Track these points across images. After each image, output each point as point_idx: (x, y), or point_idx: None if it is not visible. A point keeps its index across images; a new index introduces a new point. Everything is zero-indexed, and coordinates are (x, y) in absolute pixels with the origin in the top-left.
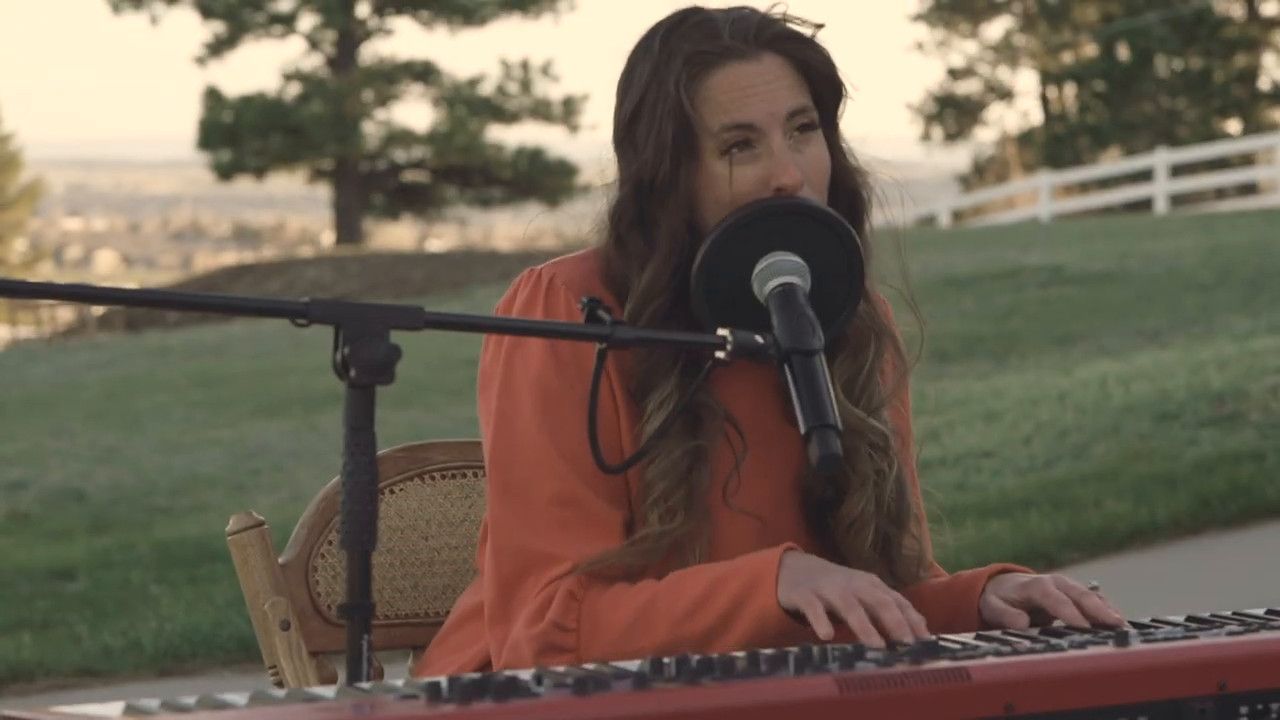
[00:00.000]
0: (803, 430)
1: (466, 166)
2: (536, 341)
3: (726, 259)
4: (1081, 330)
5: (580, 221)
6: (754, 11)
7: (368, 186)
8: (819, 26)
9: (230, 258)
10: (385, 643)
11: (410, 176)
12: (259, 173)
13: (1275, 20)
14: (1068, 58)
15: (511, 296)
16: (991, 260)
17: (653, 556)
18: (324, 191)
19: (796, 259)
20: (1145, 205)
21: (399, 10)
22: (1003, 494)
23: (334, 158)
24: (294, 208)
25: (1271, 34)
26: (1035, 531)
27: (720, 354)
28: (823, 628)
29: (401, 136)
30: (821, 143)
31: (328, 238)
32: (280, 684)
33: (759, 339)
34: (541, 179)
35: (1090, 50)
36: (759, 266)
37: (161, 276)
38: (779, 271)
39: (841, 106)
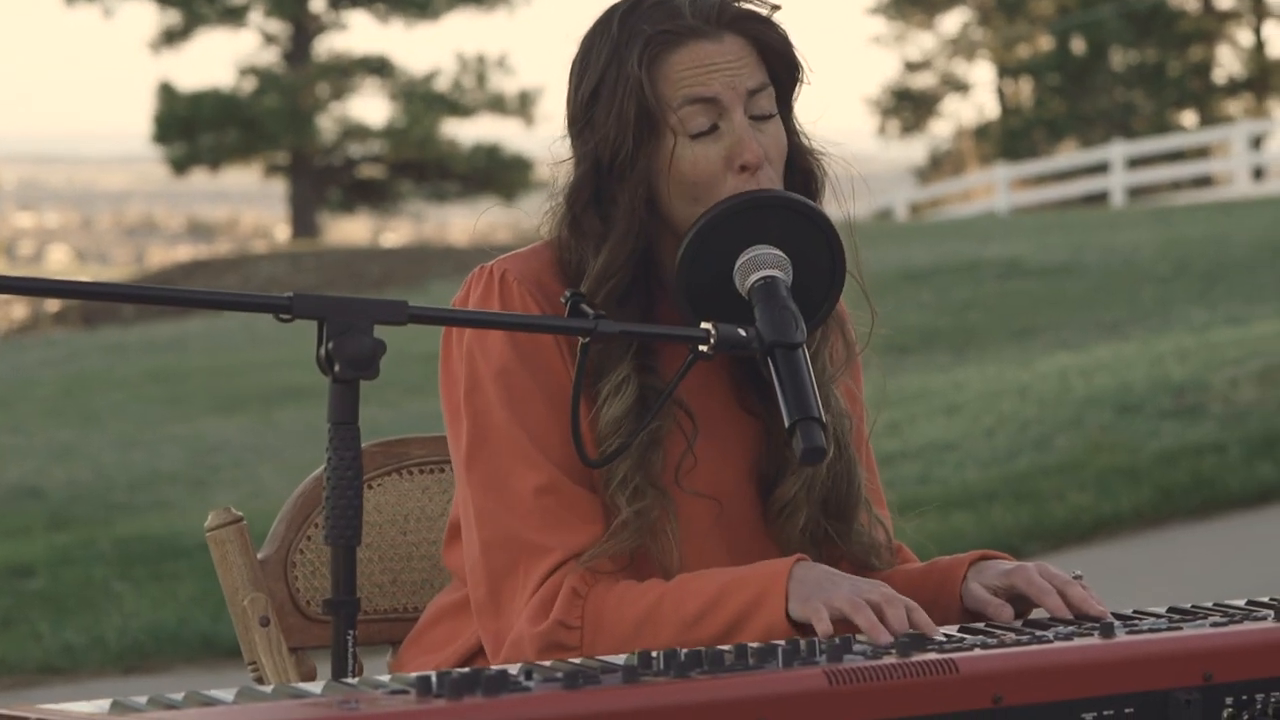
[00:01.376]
0: (786, 423)
1: (422, 161)
2: (496, 337)
3: (707, 252)
4: (1040, 323)
5: (535, 216)
6: None
7: (323, 181)
8: (775, 7)
9: (184, 253)
10: (364, 638)
11: (366, 171)
12: (214, 167)
13: (1230, 13)
14: (1023, 51)
15: (465, 294)
16: (949, 253)
17: (638, 538)
18: (278, 186)
19: (779, 252)
20: (1101, 198)
21: (354, 4)
22: (965, 486)
23: (289, 152)
24: (248, 202)
25: (1226, 27)
26: (999, 524)
27: (704, 348)
28: (823, 628)
29: (357, 131)
30: (778, 123)
31: (282, 232)
32: (260, 680)
33: (742, 332)
34: (498, 173)
35: (1046, 43)
36: (741, 260)
37: (114, 272)
38: (761, 265)
39: (797, 88)
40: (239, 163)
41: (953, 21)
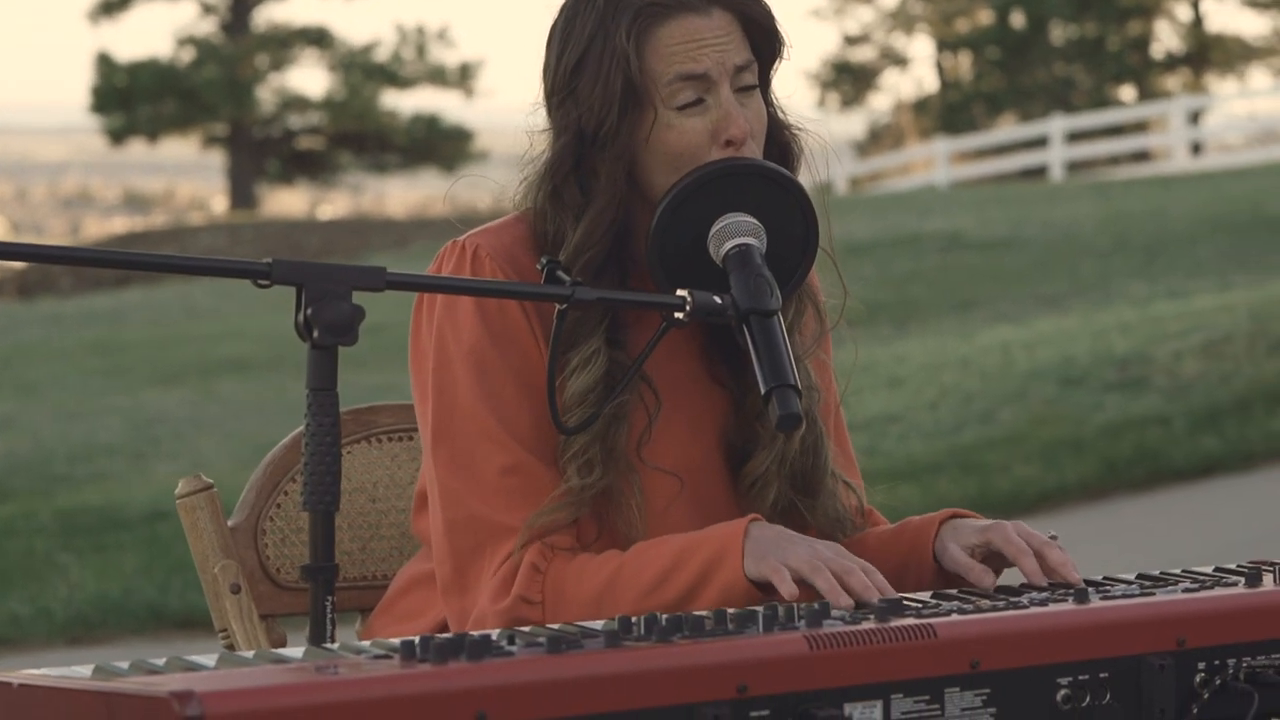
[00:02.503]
0: (763, 390)
1: (362, 132)
2: (466, 312)
3: (681, 220)
4: (980, 296)
5: (474, 188)
6: None
7: (262, 152)
8: None
9: (120, 224)
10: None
11: (305, 143)
12: (152, 138)
13: None
14: (962, 25)
15: (437, 268)
16: (890, 227)
17: (577, 510)
18: (215, 158)
19: (752, 220)
20: (1040, 172)
21: None
22: (910, 459)
23: (228, 123)
24: (184, 174)
25: (1164, 2)
26: (945, 496)
27: (680, 314)
28: (787, 589)
29: (296, 102)
30: (760, 98)
31: (219, 204)
32: (231, 647)
33: (717, 299)
34: (438, 145)
35: (985, 17)
36: (715, 227)
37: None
38: (736, 232)
39: (777, 62)
40: (177, 134)
41: None
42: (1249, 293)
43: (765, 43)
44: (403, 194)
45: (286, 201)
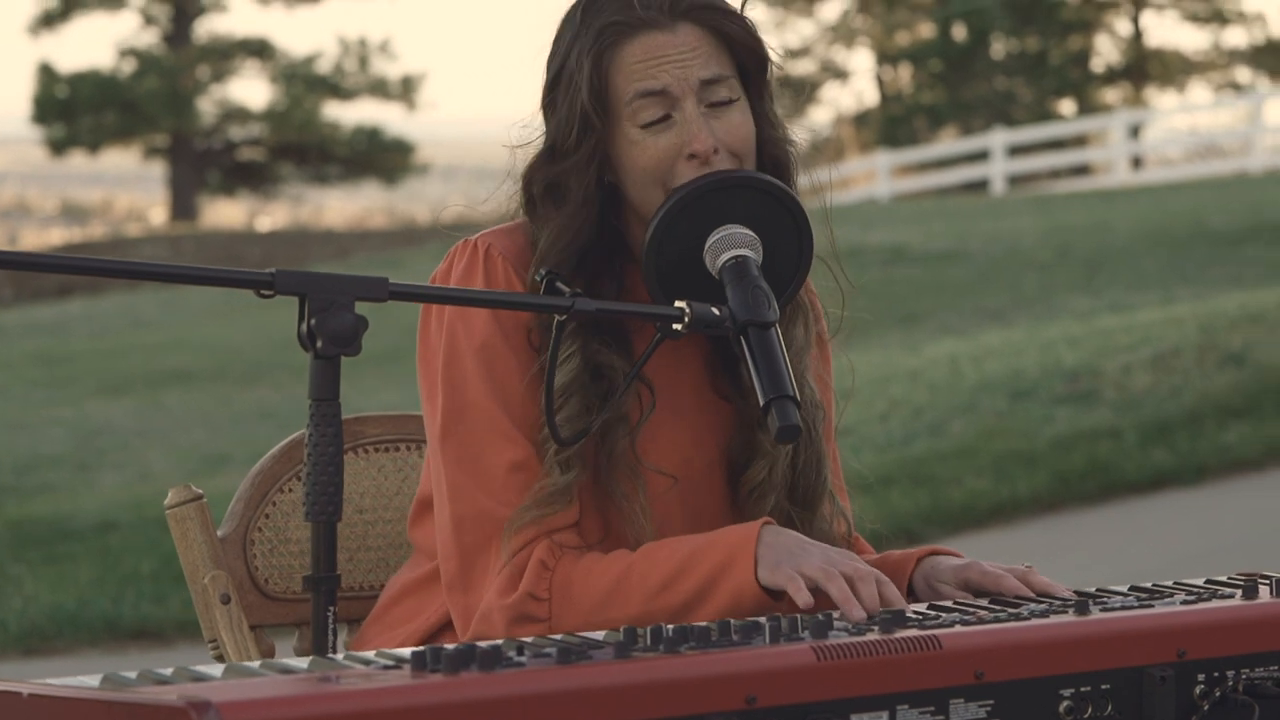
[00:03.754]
0: (761, 402)
1: (303, 144)
2: (478, 309)
3: (677, 232)
4: (925, 309)
5: (413, 199)
6: None
7: (203, 164)
8: None
9: (57, 236)
10: None
11: (246, 154)
12: (93, 149)
13: (1108, 2)
14: (903, 38)
15: (448, 266)
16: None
17: (556, 505)
18: (155, 169)
19: (749, 231)
20: (981, 186)
21: None
22: (862, 472)
23: (169, 134)
24: (123, 185)
25: (1105, 16)
26: (897, 508)
27: (678, 326)
28: (804, 598)
29: (237, 113)
30: (743, 111)
31: (157, 215)
32: (220, 658)
33: (715, 311)
34: (379, 157)
35: (927, 31)
36: (711, 239)
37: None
38: (732, 244)
39: (767, 75)
40: (118, 145)
41: (832, 9)
42: (1194, 306)
43: (747, 56)
44: (341, 205)
45: (225, 213)
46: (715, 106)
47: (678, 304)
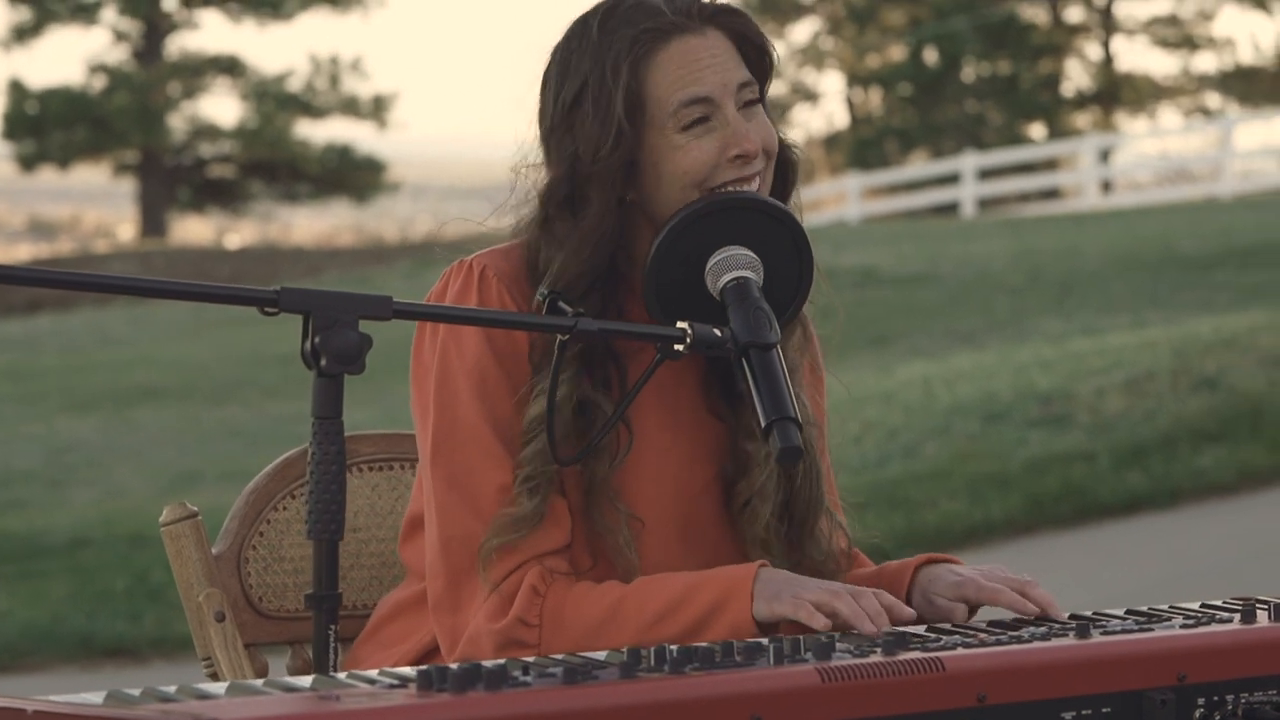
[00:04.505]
0: (763, 423)
1: (273, 161)
2: (472, 330)
3: (678, 253)
4: (896, 331)
5: (382, 217)
6: None
7: (173, 180)
8: None
9: (25, 251)
10: (310, 635)
11: (216, 171)
12: (63, 165)
13: (1079, 27)
14: (873, 61)
15: (443, 286)
16: None
17: (520, 531)
18: (124, 185)
19: (750, 253)
20: (951, 208)
21: (206, 3)
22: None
23: (139, 150)
24: (92, 201)
25: (1075, 40)
26: (871, 530)
27: (679, 347)
28: (819, 622)
29: (208, 130)
30: (765, 113)
31: (125, 231)
32: (215, 676)
33: (717, 332)
34: (349, 175)
35: (897, 54)
36: (713, 260)
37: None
38: (734, 265)
39: (769, 78)
40: (89, 161)
41: (803, 31)
42: (1167, 330)
43: (758, 60)
44: (309, 223)
45: (193, 230)
46: (746, 109)
47: (680, 325)
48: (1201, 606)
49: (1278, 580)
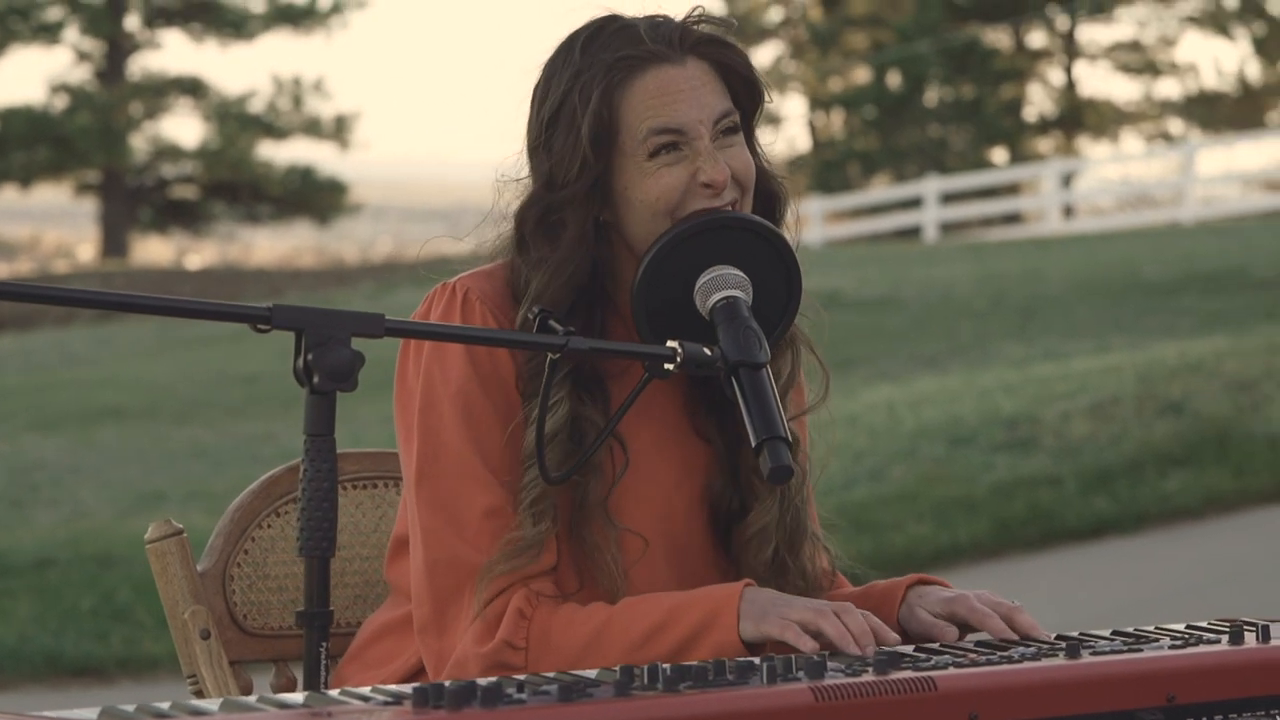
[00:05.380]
0: (753, 443)
1: (235, 182)
2: (455, 355)
3: (667, 272)
4: (860, 355)
5: (342, 239)
6: (671, 18)
7: (135, 201)
8: (731, 24)
9: None
10: (295, 652)
11: (178, 191)
12: (24, 184)
13: (1041, 52)
14: (836, 84)
15: (426, 309)
16: None
17: (527, 558)
18: (85, 205)
19: (739, 272)
20: (914, 232)
21: (168, 23)
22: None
23: (101, 171)
24: (52, 221)
25: (1038, 65)
26: (840, 553)
27: (669, 366)
28: (806, 644)
29: (170, 151)
30: (744, 146)
31: (85, 252)
32: (200, 693)
33: (707, 351)
34: (311, 196)
35: (861, 77)
36: (702, 280)
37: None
38: (723, 285)
39: (759, 111)
40: (50, 180)
41: (766, 53)
42: (1132, 355)
43: (745, 91)
44: (270, 244)
45: (153, 250)
46: (723, 141)
47: (670, 344)
48: (1188, 628)
49: (1242, 604)
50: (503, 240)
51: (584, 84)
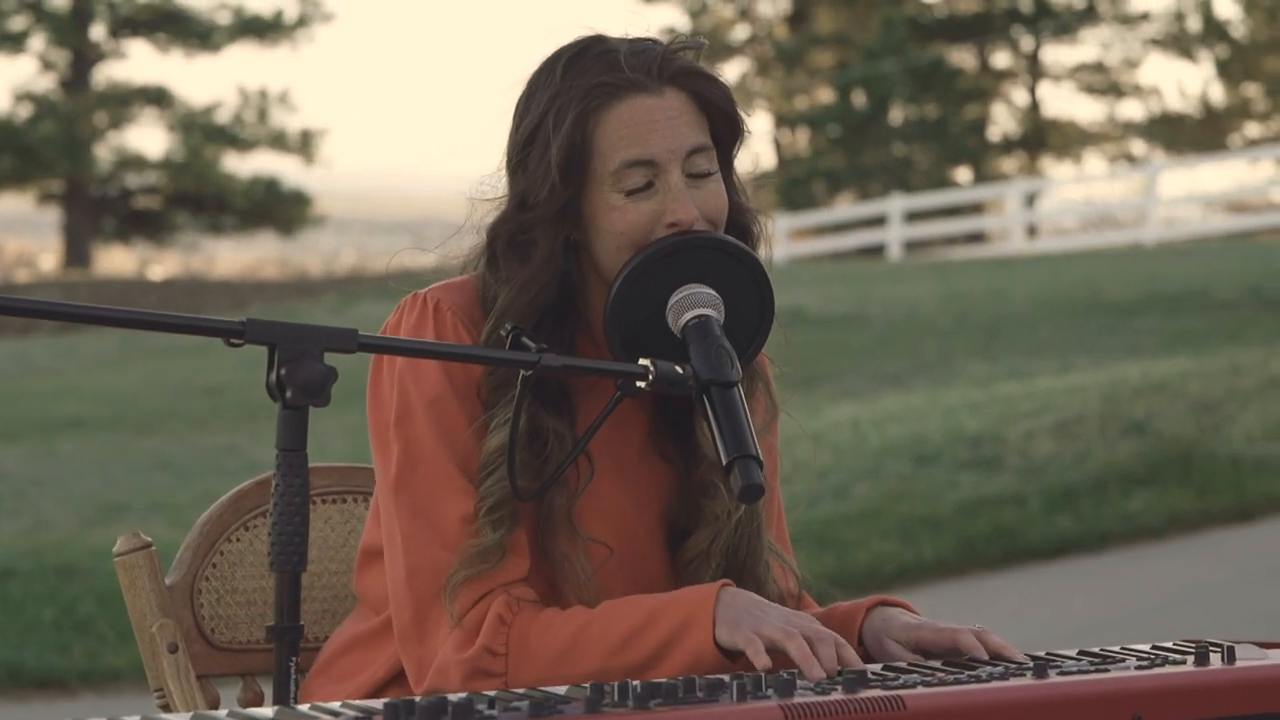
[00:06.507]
0: (724, 461)
1: (200, 193)
2: (430, 366)
3: (640, 291)
4: (824, 373)
5: (306, 250)
6: (656, 44)
7: (98, 211)
8: (702, 45)
9: None
10: (263, 667)
11: (142, 202)
12: None
13: (1005, 72)
14: (801, 102)
15: (397, 319)
16: None
17: (486, 563)
18: (48, 215)
19: (711, 291)
20: (878, 250)
21: (134, 33)
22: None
23: (65, 180)
24: (13, 230)
25: (1002, 85)
26: (804, 569)
27: (641, 384)
28: (761, 660)
29: (134, 161)
30: (719, 181)
31: (47, 261)
32: (166, 707)
33: (679, 369)
34: (276, 208)
35: (826, 96)
36: (674, 298)
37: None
38: (695, 304)
39: (738, 145)
40: (12, 189)
41: (731, 70)
42: (1096, 374)
43: (724, 124)
44: (233, 255)
45: (117, 260)
46: (696, 176)
47: (642, 362)
48: (1154, 648)
49: (1204, 624)
50: (474, 253)
51: (559, 107)
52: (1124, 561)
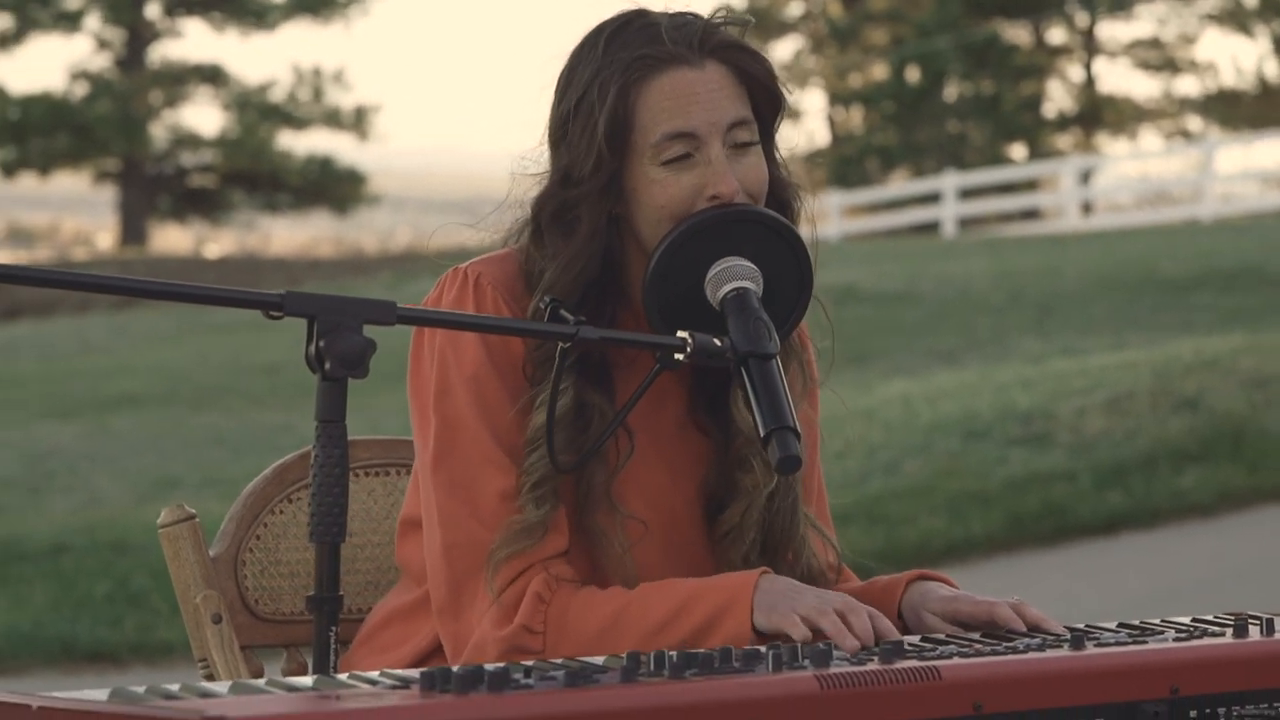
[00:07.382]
0: (761, 433)
1: (254, 172)
2: (469, 339)
3: (679, 263)
4: (876, 349)
5: (361, 229)
6: (698, 18)
7: (154, 189)
8: (748, 23)
9: (2, 258)
10: (307, 638)
11: (197, 180)
12: (43, 172)
13: (1061, 49)
14: (855, 79)
15: (438, 294)
16: None
17: (529, 540)
18: (104, 193)
19: (750, 264)
20: (932, 228)
21: (189, 11)
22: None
23: (120, 159)
24: (70, 209)
25: (1057, 62)
26: (853, 546)
27: (680, 356)
28: (800, 633)
29: (189, 139)
30: (760, 154)
31: (104, 240)
32: (211, 678)
33: (717, 342)
34: (330, 186)
35: (880, 72)
36: (713, 271)
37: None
38: (734, 276)
39: (779, 119)
40: (69, 168)
41: (785, 48)
42: (1148, 351)
43: (765, 98)
44: (289, 233)
45: (172, 238)
46: (737, 149)
47: (680, 334)
48: (1193, 621)
49: (1255, 599)
50: (516, 226)
51: (602, 81)
52: (1174, 538)
